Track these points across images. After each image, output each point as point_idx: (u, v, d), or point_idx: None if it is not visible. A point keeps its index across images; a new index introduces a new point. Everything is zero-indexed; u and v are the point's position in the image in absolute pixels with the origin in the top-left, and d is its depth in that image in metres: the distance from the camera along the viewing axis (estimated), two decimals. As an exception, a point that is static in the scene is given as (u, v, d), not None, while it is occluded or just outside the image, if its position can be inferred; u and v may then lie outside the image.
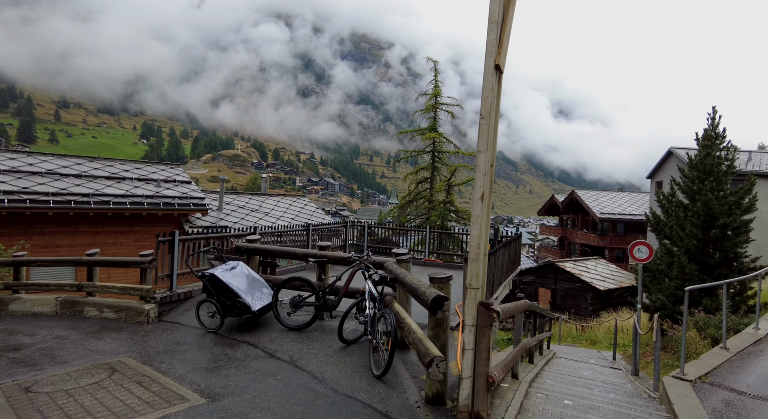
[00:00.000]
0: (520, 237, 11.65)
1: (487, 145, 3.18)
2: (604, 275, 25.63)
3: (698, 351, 8.36)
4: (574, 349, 13.27)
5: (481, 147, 3.19)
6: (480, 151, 3.19)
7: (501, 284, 9.50)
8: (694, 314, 9.31)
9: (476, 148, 3.22)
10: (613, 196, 47.92)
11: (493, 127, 3.22)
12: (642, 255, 8.68)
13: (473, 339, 3.15)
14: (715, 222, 9.84)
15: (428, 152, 25.58)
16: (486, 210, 3.25)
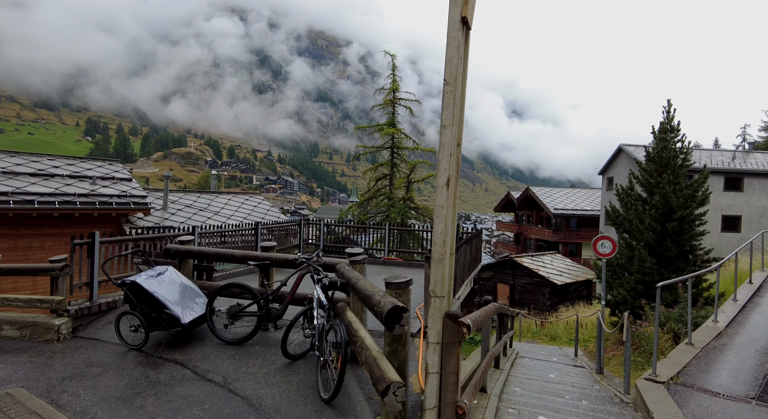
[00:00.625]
0: (480, 233, 11.26)
1: (452, 118, 2.55)
2: (560, 269, 26.03)
3: (662, 347, 8.21)
4: (535, 347, 13.10)
5: (446, 120, 2.56)
6: (444, 125, 2.56)
7: (463, 283, 9.03)
8: (654, 308, 9.21)
9: (440, 121, 2.59)
10: (566, 193, 49.33)
11: (460, 96, 2.60)
12: (605, 249, 8.46)
13: (438, 360, 2.53)
14: (673, 215, 9.82)
15: (387, 148, 25.03)
16: (452, 199, 2.62)
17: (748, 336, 7.27)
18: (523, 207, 51.01)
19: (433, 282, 2.55)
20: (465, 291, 9.86)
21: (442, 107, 2.57)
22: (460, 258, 8.28)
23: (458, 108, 2.59)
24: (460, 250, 8.21)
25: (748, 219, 28.86)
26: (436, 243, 2.57)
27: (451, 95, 2.54)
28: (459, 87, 2.56)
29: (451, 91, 2.54)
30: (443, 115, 2.55)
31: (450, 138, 2.55)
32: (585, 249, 44.22)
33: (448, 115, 2.55)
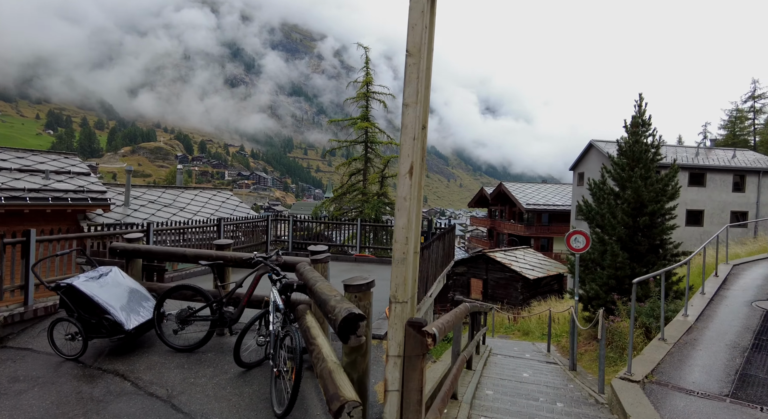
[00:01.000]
0: (453, 228, 11.02)
1: (416, 96, 2.19)
2: (532, 264, 26.24)
3: (634, 342, 8.15)
4: (508, 343, 13.01)
5: (409, 98, 2.20)
6: (407, 103, 2.20)
7: (435, 279, 8.75)
8: (626, 303, 9.19)
9: (402, 98, 2.23)
10: (537, 188, 50.02)
11: (425, 70, 2.24)
12: (579, 244, 8.32)
13: (399, 376, 2.18)
14: (644, 209, 9.80)
15: (361, 143, 24.60)
16: (417, 190, 2.27)
17: (717, 329, 7.26)
18: (496, 202, 51.49)
19: (394, 285, 2.19)
20: (438, 288, 9.59)
21: (405, 82, 2.20)
22: (432, 255, 7.99)
23: (423, 84, 2.23)
24: (432, 246, 7.92)
25: (710, 213, 29.81)
26: (398, 240, 2.22)
27: (415, 68, 2.18)
28: (424, 59, 2.21)
29: (415, 63, 2.18)
30: (406, 92, 2.19)
31: (413, 118, 2.19)
32: (556, 244, 44.95)
33: (411, 91, 2.18)
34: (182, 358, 4.62)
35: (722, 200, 30.35)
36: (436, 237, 8.24)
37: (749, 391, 4.95)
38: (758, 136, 52.97)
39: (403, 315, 2.16)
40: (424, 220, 10.85)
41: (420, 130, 2.26)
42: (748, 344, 6.51)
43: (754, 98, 54.23)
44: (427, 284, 7.56)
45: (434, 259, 8.37)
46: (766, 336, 6.91)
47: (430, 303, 8.90)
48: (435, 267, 8.54)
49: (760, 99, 54.27)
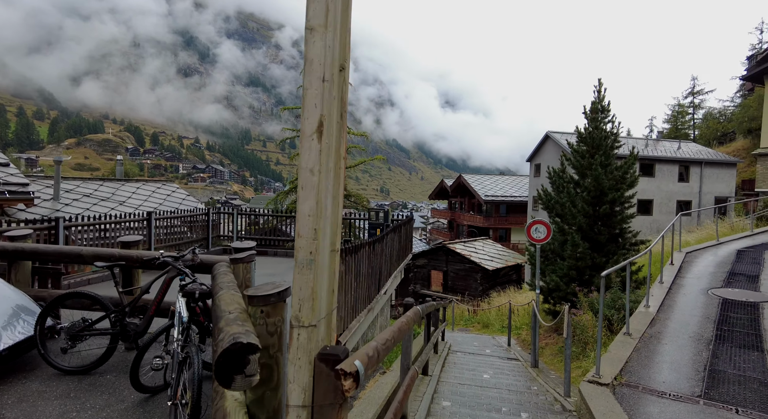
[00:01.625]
0: (411, 220, 10.42)
1: (326, 16, 1.47)
2: (491, 255, 26.24)
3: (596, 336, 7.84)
4: (468, 337, 12.65)
5: (315, 19, 1.47)
6: (312, 27, 1.47)
7: (391, 275, 8.10)
8: (588, 295, 8.92)
9: (305, 22, 1.49)
10: (496, 180, 50.60)
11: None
12: (540, 235, 7.91)
13: (305, 437, 1.46)
14: (604, 197, 9.56)
15: (316, 132, 23.61)
16: (333, 158, 1.55)
17: (680, 320, 7.02)
18: (456, 194, 51.72)
19: (297, 301, 1.47)
20: (394, 284, 8.97)
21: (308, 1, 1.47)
22: (386, 249, 7.33)
23: (339, 4, 1.50)
24: (387, 239, 7.25)
25: (659, 202, 30.89)
26: (303, 234, 1.49)
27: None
28: (338, -37, 1.47)
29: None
30: (309, 11, 1.46)
31: (322, 50, 1.45)
32: (514, 234, 45.66)
33: (318, 9, 1.45)
34: (72, 383, 3.73)
35: (669, 190, 31.53)
36: (391, 229, 7.57)
37: (721, 390, 4.60)
38: (697, 130, 55.86)
39: (311, 345, 1.45)
40: (380, 211, 10.18)
41: (337, 72, 1.53)
42: (711, 336, 6.27)
43: (693, 94, 57.16)
44: (380, 281, 6.89)
45: (389, 253, 7.71)
46: (726, 326, 6.73)
47: (385, 301, 8.26)
48: (390, 262, 7.88)
49: (698, 95, 57.28)
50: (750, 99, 44.85)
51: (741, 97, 54.47)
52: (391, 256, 7.90)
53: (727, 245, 13.23)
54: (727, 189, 32.67)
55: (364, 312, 5.79)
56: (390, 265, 7.88)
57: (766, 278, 9.71)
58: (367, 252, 5.68)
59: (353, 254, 5.07)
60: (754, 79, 37.65)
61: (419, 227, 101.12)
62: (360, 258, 5.41)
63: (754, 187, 35.49)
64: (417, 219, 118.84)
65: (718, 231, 13.66)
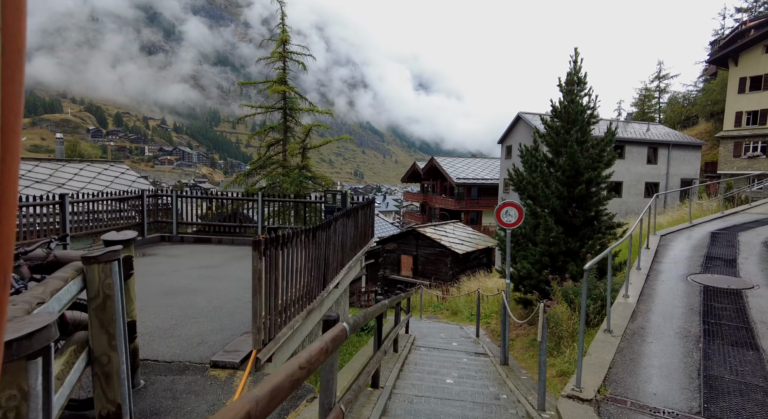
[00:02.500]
0: (372, 202, 9.43)
1: None
2: (462, 238, 25.66)
3: (573, 331, 7.11)
4: (436, 326, 11.90)
5: None
6: None
7: (344, 266, 7.13)
8: (561, 283, 8.20)
9: None
10: (467, 162, 50.11)
11: None
12: (510, 218, 7.07)
13: None
14: (580, 177, 8.80)
15: (279, 109, 22.16)
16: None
17: (662, 313, 6.35)
18: (428, 177, 51.03)
19: None
20: (350, 277, 8.00)
21: None
22: (336, 237, 6.32)
23: None
24: (337, 225, 6.24)
25: (628, 184, 30.91)
26: None
27: None
28: None
29: None
30: None
31: None
32: (485, 217, 45.47)
33: None
34: None
35: (638, 172, 31.59)
36: (343, 213, 6.56)
37: (722, 404, 3.86)
38: (662, 114, 56.75)
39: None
40: (338, 194, 9.14)
41: None
42: (699, 331, 5.59)
43: (660, 78, 58.01)
44: (328, 275, 5.90)
45: (342, 242, 6.71)
46: (712, 318, 6.08)
47: (339, 295, 7.30)
48: (344, 252, 6.89)
49: (664, 79, 58.17)
50: (713, 83, 45.58)
51: (703, 82, 55.55)
52: (344, 245, 6.90)
53: (701, 227, 12.85)
54: (693, 171, 33.04)
55: (302, 314, 4.80)
56: (343, 255, 6.90)
57: (743, 262, 9.24)
58: (304, 242, 4.66)
59: (280, 247, 4.05)
60: (718, 63, 38.05)
61: (393, 211, 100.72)
62: (293, 251, 4.39)
63: (716, 169, 36.22)
64: (391, 202, 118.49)
65: (691, 213, 13.26)
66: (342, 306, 8.72)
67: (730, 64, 34.24)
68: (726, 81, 38.34)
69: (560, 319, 7.27)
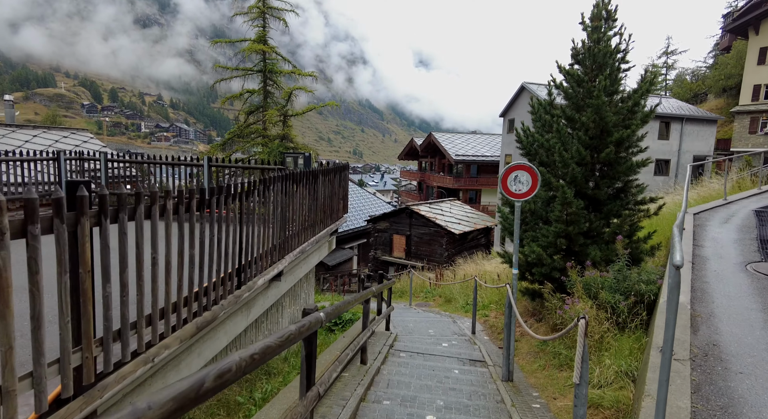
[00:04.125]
0: (344, 168, 7.52)
1: None
2: (459, 217, 23.81)
3: (602, 345, 5.28)
4: (426, 318, 10.15)
5: None
6: None
7: (299, 246, 5.25)
8: (582, 272, 6.37)
9: None
10: (467, 138, 47.85)
11: None
12: (521, 186, 5.17)
13: None
14: (608, 137, 6.85)
15: (258, 72, 19.98)
16: None
17: (734, 320, 4.50)
18: (426, 154, 48.91)
19: None
20: (308, 264, 6.15)
21: None
22: (277, 210, 4.43)
23: None
24: (271, 191, 4.34)
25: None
26: None
27: None
28: None
29: None
30: None
31: None
32: (485, 196, 43.61)
33: None
34: None
35: (649, 148, 29.53)
36: (285, 176, 4.62)
37: None
38: (670, 91, 54.31)
39: None
40: (300, 157, 7.21)
41: None
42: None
43: (668, 54, 55.38)
44: (247, 263, 4.03)
45: (284, 216, 4.81)
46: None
47: (285, 290, 5.45)
48: (287, 230, 4.99)
49: (672, 55, 55.56)
50: (727, 56, 43.04)
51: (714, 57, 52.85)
52: (289, 220, 5.00)
53: (738, 204, 10.98)
54: (707, 147, 30.97)
55: (180, 335, 2.92)
56: (289, 235, 5.00)
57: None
58: (183, 214, 2.76)
59: (107, 217, 2.16)
60: (736, 32, 35.46)
61: (391, 190, 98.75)
62: (144, 228, 2.49)
63: (729, 146, 34.16)
64: (389, 182, 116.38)
65: (726, 189, 11.36)
66: (301, 301, 6.89)
67: (750, 33, 31.77)
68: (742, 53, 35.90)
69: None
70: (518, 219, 5.36)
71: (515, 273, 5.48)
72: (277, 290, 4.96)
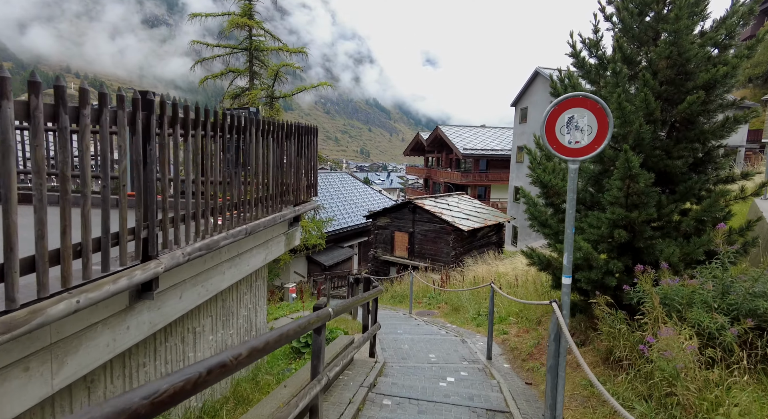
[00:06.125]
0: (312, 132, 5.41)
1: None
2: (467, 212, 21.60)
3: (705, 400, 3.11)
4: (427, 334, 8.01)
5: None
6: None
7: (196, 241, 3.12)
8: (659, 281, 4.20)
9: None
10: (475, 132, 45.55)
11: None
12: (580, 137, 3.04)
13: None
14: (690, 81, 4.68)
15: (243, 50, 17.94)
16: None
17: None
18: (432, 149, 46.70)
19: None
20: (238, 269, 4.05)
21: None
22: (146, 159, 2.26)
23: None
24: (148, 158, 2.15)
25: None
26: None
27: None
28: None
29: None
30: None
31: None
32: (494, 192, 41.35)
33: None
34: None
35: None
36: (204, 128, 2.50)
37: None
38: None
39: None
40: (244, 111, 5.09)
41: None
42: None
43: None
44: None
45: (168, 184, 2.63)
46: None
47: (200, 303, 3.34)
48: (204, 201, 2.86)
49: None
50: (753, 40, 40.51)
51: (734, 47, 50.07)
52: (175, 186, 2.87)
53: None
54: (739, 138, 28.45)
55: None
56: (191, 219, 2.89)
57: None
58: None
59: None
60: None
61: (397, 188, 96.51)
62: None
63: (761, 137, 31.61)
64: (395, 179, 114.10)
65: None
66: (241, 321, 4.75)
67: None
68: (773, 37, 33.31)
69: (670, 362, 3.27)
70: (573, 193, 3.21)
71: (566, 284, 3.31)
72: (151, 314, 2.84)
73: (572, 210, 3.25)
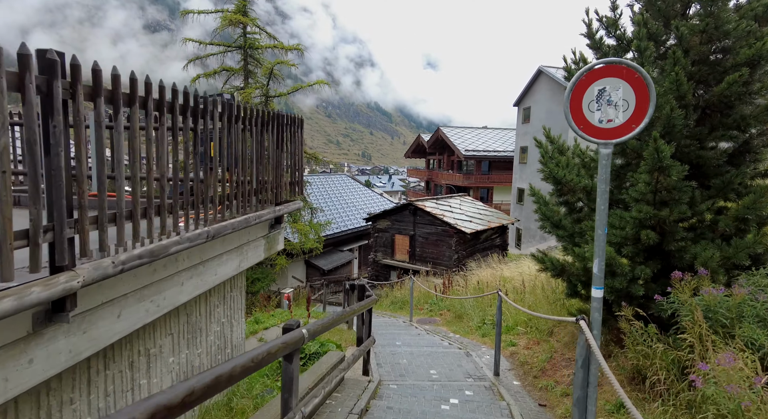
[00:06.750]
0: (295, 122, 4.81)
1: None
2: (470, 214, 20.95)
3: None
4: (428, 345, 7.38)
5: None
6: None
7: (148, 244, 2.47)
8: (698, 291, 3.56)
9: None
10: (477, 133, 44.96)
11: None
12: (615, 114, 2.43)
13: None
14: (729, 58, 4.06)
15: (238, 48, 17.41)
16: None
17: None
18: (434, 150, 46.11)
19: None
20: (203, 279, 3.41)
21: None
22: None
23: None
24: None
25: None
26: None
27: None
28: None
29: None
30: None
31: None
32: (497, 194, 40.71)
33: None
34: None
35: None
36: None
37: None
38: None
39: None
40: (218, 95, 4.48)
41: None
42: None
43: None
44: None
45: None
46: None
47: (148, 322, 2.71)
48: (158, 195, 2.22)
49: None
50: None
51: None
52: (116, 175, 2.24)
53: None
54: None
55: None
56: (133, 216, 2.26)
57: None
58: None
59: None
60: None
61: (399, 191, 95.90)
62: None
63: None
64: (396, 182, 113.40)
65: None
66: (212, 337, 4.13)
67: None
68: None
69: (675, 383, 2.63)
70: (606, 184, 2.59)
71: (597, 297, 2.67)
72: (71, 340, 2.22)
73: (604, 206, 2.62)
